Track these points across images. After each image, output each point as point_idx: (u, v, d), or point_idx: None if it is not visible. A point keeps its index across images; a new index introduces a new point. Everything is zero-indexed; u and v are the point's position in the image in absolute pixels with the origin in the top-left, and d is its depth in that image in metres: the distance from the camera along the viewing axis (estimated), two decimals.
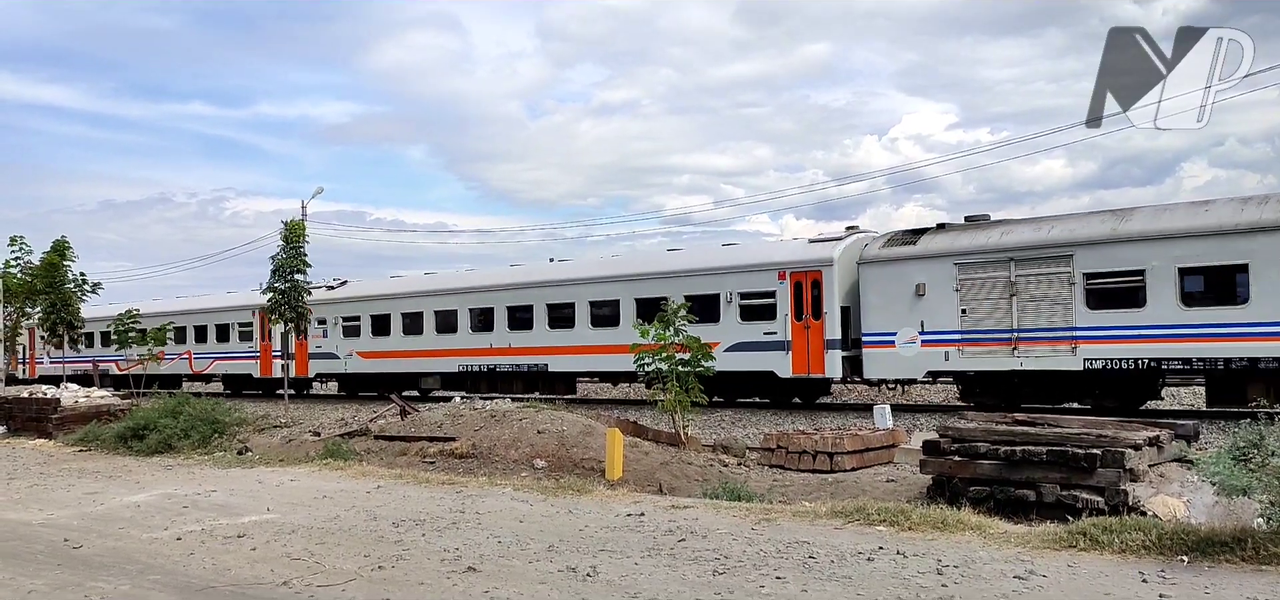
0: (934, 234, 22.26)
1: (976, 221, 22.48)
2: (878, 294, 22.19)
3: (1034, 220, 21.49)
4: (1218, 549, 7.12)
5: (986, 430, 10.76)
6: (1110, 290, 19.23)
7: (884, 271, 22.14)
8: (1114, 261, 19.16)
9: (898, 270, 21.91)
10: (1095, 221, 20.06)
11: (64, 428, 21.72)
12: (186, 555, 8.84)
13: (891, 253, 22.31)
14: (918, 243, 22.09)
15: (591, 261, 30.05)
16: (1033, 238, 20.33)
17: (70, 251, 32.80)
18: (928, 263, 21.52)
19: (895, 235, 23.01)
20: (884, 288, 22.08)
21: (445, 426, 16.38)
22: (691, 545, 8.42)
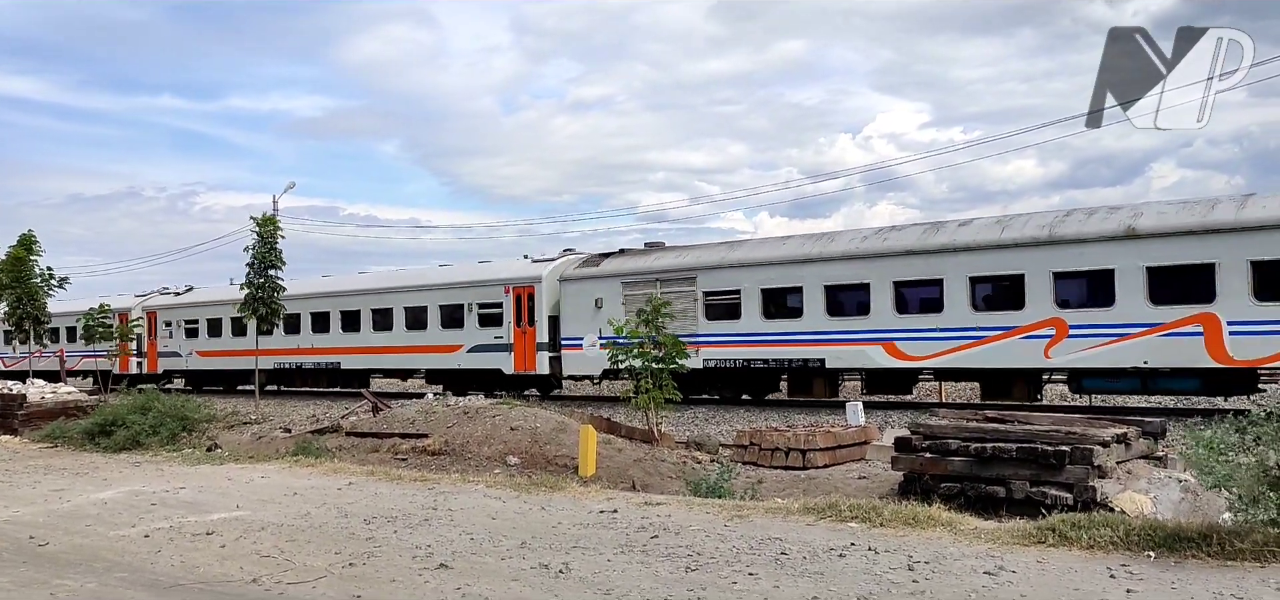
0: (612, 258, 27.72)
1: (654, 247, 27.71)
2: (572, 306, 27.16)
3: (675, 249, 27.16)
4: (1184, 545, 7.19)
5: (957, 427, 10.85)
6: (720, 305, 24.33)
7: (576, 288, 27.19)
8: (723, 283, 24.38)
9: (585, 287, 26.95)
10: (712, 252, 25.46)
11: (30, 424, 21.45)
12: (154, 553, 8.75)
13: (581, 272, 27.44)
14: (599, 265, 27.40)
15: (373, 276, 35.15)
16: (671, 263, 25.75)
17: (37, 245, 32.42)
18: (604, 281, 26.62)
19: (587, 258, 28.19)
20: (576, 301, 27.05)
21: (418, 423, 16.31)
22: (664, 542, 8.43)
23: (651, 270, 25.73)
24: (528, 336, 27.84)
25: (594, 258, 28.14)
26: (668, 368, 16.17)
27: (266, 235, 25.09)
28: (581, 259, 28.29)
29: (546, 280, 27.72)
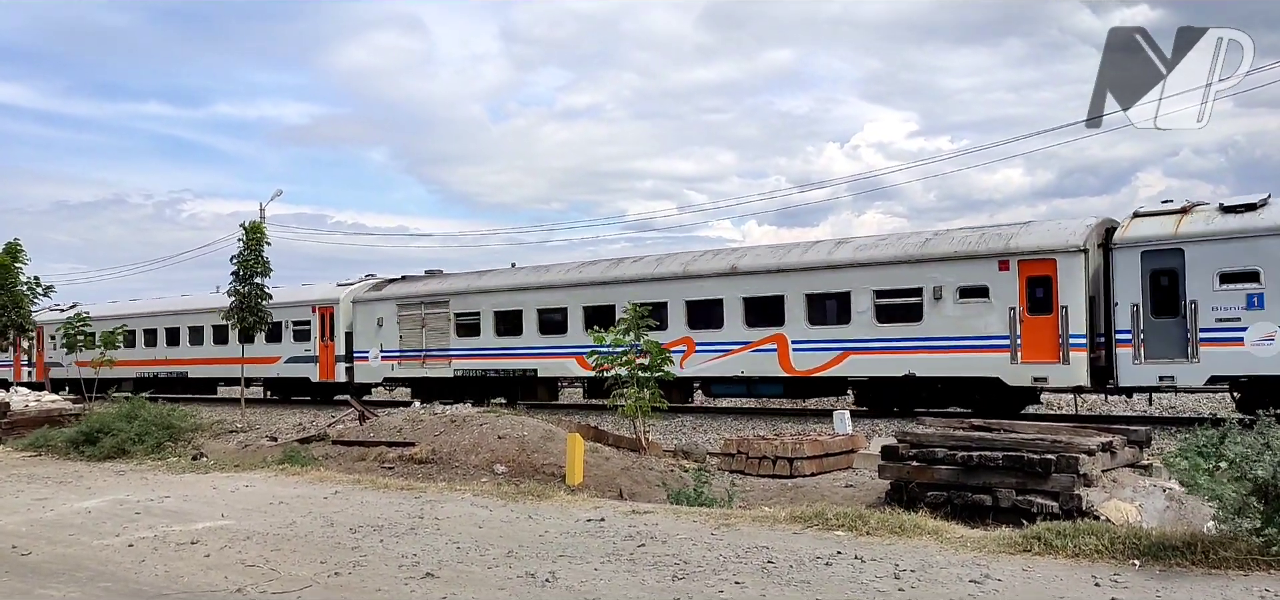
0: (393, 284, 32.65)
1: (433, 275, 32.94)
2: (361, 324, 32.21)
3: (437, 277, 32.49)
4: (1169, 553, 7.23)
5: (944, 436, 10.88)
6: (467, 325, 29.32)
7: (364, 309, 32.18)
8: (468, 306, 29.42)
9: (370, 308, 31.91)
10: (460, 281, 30.93)
11: (14, 432, 21.29)
12: (138, 562, 8.70)
13: (367, 296, 32.40)
14: (382, 290, 32.29)
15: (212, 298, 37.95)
16: (432, 289, 30.85)
17: (23, 253, 32.25)
18: (384, 304, 31.56)
19: (375, 283, 33.02)
20: (364, 320, 32.08)
21: (405, 431, 16.26)
22: (651, 550, 8.42)
23: (418, 295, 31.06)
24: (329, 350, 33.12)
25: (380, 283, 33.06)
26: (653, 375, 16.16)
27: (253, 243, 25.06)
28: (371, 284, 33.25)
29: (343, 302, 33.03)
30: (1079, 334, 19.32)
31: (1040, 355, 19.76)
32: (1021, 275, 20.09)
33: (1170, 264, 18.54)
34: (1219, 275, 18.02)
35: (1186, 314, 18.30)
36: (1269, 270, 17.54)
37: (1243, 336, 17.70)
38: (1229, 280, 17.95)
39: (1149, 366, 18.67)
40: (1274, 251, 17.54)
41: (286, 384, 35.01)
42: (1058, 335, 19.56)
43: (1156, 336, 18.58)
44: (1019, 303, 20.09)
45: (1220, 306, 17.95)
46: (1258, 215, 18.03)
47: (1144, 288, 18.76)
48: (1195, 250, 18.27)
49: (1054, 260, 19.75)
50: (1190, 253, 18.30)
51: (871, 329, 21.85)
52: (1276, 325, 17.42)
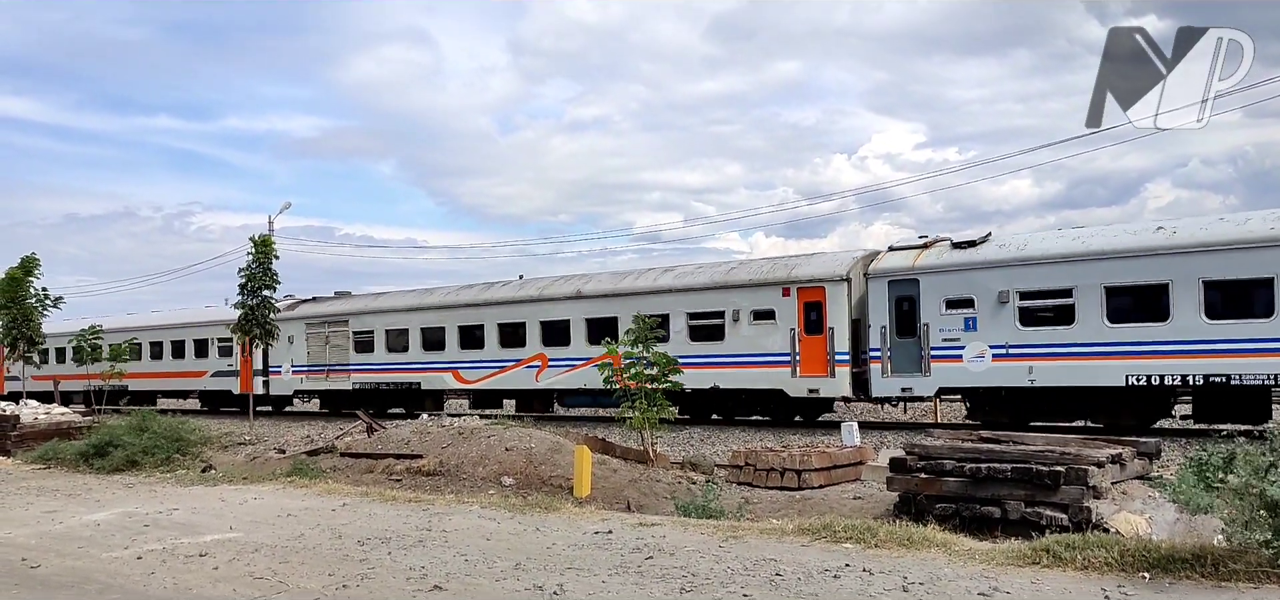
0: (305, 304, 35.37)
1: (341, 296, 35.66)
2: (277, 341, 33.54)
3: (341, 298, 35.25)
4: (1179, 566, 7.20)
5: (952, 448, 10.85)
6: (364, 342, 32.15)
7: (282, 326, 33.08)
8: (365, 325, 32.32)
9: (284, 327, 32.73)
10: (359, 302, 34.06)
11: (23, 445, 21.37)
12: (147, 575, 8.71)
13: (284, 314, 33.51)
14: (294, 310, 34.71)
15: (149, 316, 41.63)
16: (334, 310, 33.85)
17: (38, 268, 32.61)
18: (295, 323, 34.12)
19: (290, 304, 35.11)
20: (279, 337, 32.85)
21: (412, 443, 16.28)
22: (659, 563, 8.41)
23: (323, 315, 34.06)
24: (247, 365, 35.46)
25: (294, 303, 35.55)
26: (661, 387, 16.16)
27: (261, 256, 25.16)
28: (287, 303, 35.00)
29: None
30: (844, 351, 22.42)
31: (814, 370, 22.87)
32: (800, 301, 23.22)
33: (909, 292, 21.52)
34: (945, 302, 20.95)
35: (921, 335, 21.30)
36: (981, 298, 20.52)
37: (962, 354, 20.61)
38: (952, 306, 20.88)
39: (894, 380, 21.72)
40: (985, 282, 20.54)
41: (213, 396, 37.56)
42: (827, 352, 22.70)
43: (899, 354, 21.64)
44: (798, 324, 23.17)
45: (946, 329, 20.90)
46: (976, 251, 21.08)
47: (891, 312, 21.77)
48: (928, 280, 21.30)
49: (824, 288, 22.89)
50: (924, 282, 21.34)
51: (686, 346, 24.35)
52: (987, 345, 20.36)
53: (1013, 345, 20.13)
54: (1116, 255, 19.27)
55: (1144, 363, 18.70)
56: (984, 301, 20.47)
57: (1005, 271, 20.44)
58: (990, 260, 20.70)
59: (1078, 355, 19.37)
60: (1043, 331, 19.86)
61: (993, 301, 20.36)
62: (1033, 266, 20.18)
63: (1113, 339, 19.15)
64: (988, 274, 20.60)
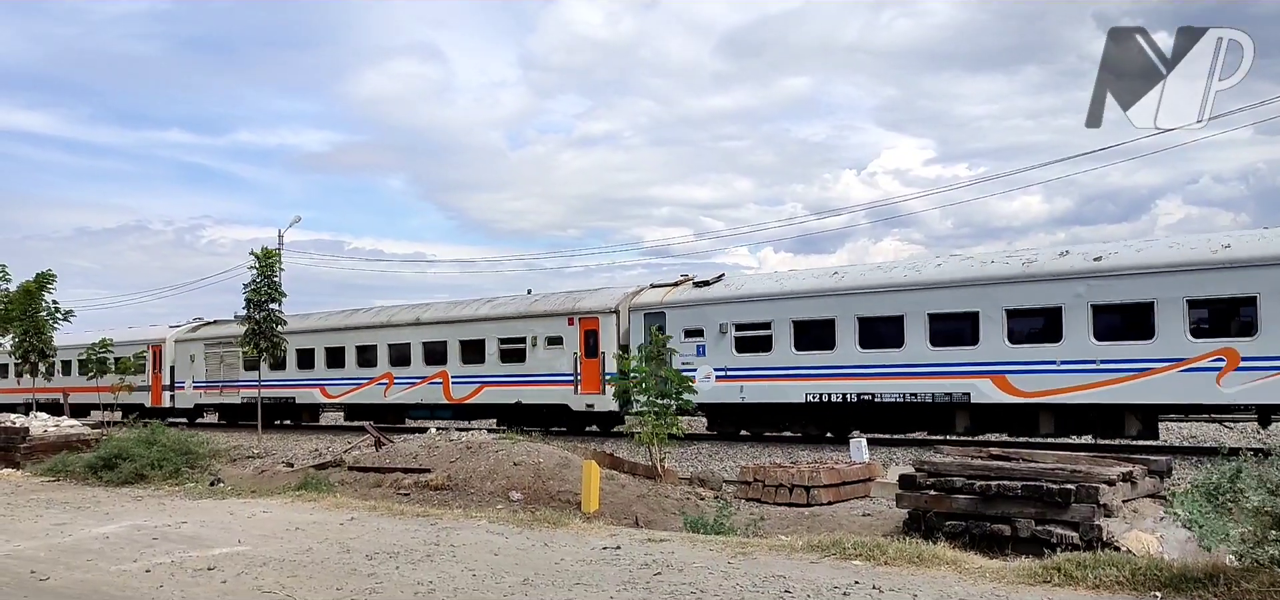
0: (206, 326, 39.31)
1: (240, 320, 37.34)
2: (180, 359, 39.09)
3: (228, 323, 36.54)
4: (1191, 585, 7.14)
5: (962, 465, 10.80)
6: (251, 360, 32.48)
7: (182, 347, 39.11)
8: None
9: (186, 347, 38.66)
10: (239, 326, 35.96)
11: (32, 457, 21.41)
12: (156, 588, 8.72)
13: (185, 336, 39.23)
14: (196, 331, 39.11)
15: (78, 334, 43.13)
16: (228, 332, 35.83)
17: (52, 284, 32.87)
18: (196, 343, 38.41)
19: (194, 325, 39.83)
20: (182, 356, 38.98)
21: (421, 458, 16.29)
22: (667, 579, 8.38)
23: (219, 336, 37.37)
24: (157, 380, 39.57)
25: (197, 325, 39.78)
26: (674, 405, 16.14)
27: (266, 270, 25.18)
28: (191, 326, 39.96)
29: (168, 341, 39.79)
30: (612, 372, 25.59)
31: (591, 388, 26.83)
32: (581, 329, 27.18)
33: (660, 323, 25.22)
34: (684, 331, 24.92)
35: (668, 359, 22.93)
36: (709, 329, 24.66)
37: (695, 375, 23.02)
38: (689, 335, 24.91)
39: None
40: (712, 316, 24.68)
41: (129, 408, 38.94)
42: (601, 373, 26.52)
43: None
44: (579, 349, 27.10)
45: (685, 354, 24.27)
46: (708, 289, 25.46)
47: (646, 339, 24.37)
48: (672, 313, 25.48)
49: (598, 318, 26.85)
50: (669, 315, 25.49)
51: (498, 367, 28.90)
52: (712, 368, 24.44)
53: (730, 368, 24.28)
54: (800, 295, 23.46)
55: (818, 383, 22.94)
56: (711, 332, 24.69)
57: (726, 307, 24.73)
58: (715, 298, 25.08)
59: (774, 377, 23.33)
60: (750, 357, 23.97)
61: (716, 332, 24.54)
62: (745, 304, 24.51)
63: (798, 364, 23.27)
64: (714, 309, 24.87)
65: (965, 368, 21.13)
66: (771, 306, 23.88)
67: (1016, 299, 20.56)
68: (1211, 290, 18.49)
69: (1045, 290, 20.17)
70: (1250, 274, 18.05)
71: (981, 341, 20.92)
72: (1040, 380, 20.11)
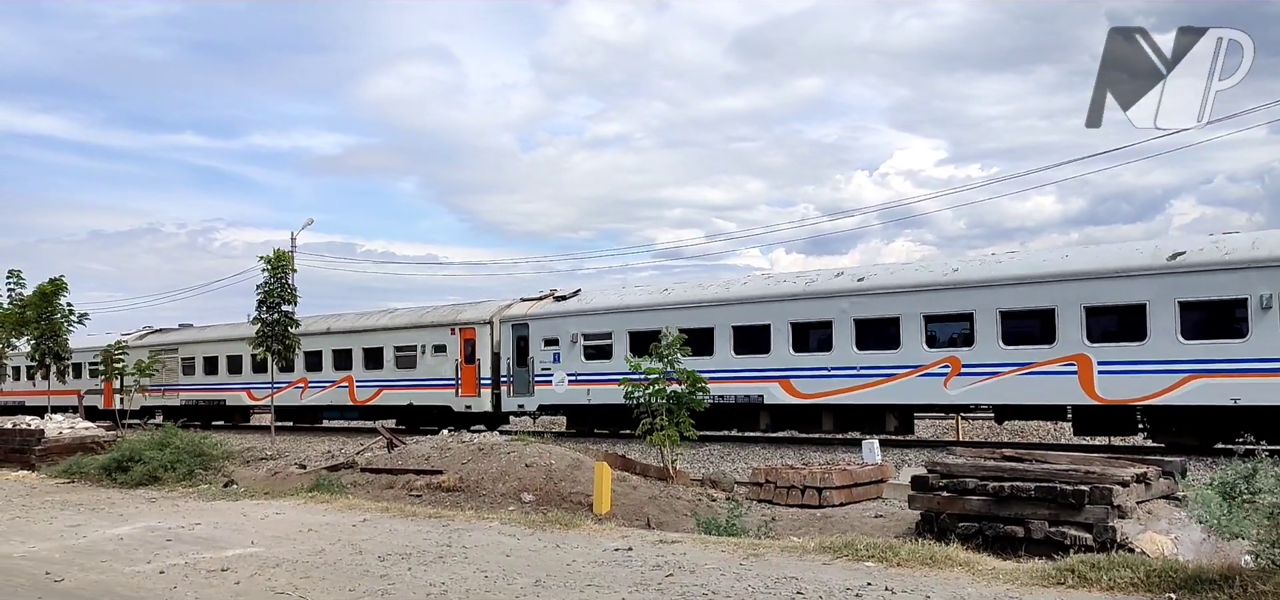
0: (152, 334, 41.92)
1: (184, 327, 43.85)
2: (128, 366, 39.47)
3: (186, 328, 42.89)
4: (1206, 586, 7.10)
5: (975, 466, 10.76)
6: (188, 365, 39.51)
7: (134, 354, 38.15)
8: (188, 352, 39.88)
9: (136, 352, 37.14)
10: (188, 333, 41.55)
11: (47, 459, 21.53)
12: (169, 589, 8.75)
13: (135, 343, 39.14)
14: (143, 339, 40.72)
15: None
16: (170, 340, 40.41)
17: (66, 289, 33.04)
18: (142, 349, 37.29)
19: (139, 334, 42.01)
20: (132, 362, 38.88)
21: (433, 459, 16.31)
22: (679, 580, 8.38)
23: (159, 344, 39.59)
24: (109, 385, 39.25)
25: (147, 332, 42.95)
26: (683, 404, 16.11)
27: (278, 272, 25.22)
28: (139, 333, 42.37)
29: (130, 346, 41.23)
30: (487, 377, 30.04)
31: (469, 392, 30.32)
32: (462, 338, 30.73)
33: (524, 333, 29.11)
34: (543, 341, 28.46)
35: (530, 365, 28.74)
36: (563, 339, 27.99)
37: (552, 380, 27.99)
38: (547, 345, 28.40)
39: (515, 399, 29.36)
40: (566, 328, 27.98)
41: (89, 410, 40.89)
42: (477, 378, 30.18)
43: (519, 379, 29.27)
44: (460, 357, 30.64)
45: (543, 361, 28.38)
46: (564, 304, 28.78)
47: (513, 348, 29.32)
48: (534, 325, 28.95)
49: (475, 329, 30.51)
50: (532, 327, 28.96)
51: (394, 373, 32.47)
52: (566, 373, 27.83)
53: (580, 373, 27.55)
54: (635, 310, 26.85)
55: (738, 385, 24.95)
56: (565, 341, 27.99)
57: (577, 319, 27.96)
58: (569, 311, 28.39)
59: (614, 381, 24.22)
60: (596, 363, 27.12)
61: (569, 342, 27.83)
62: (591, 317, 27.78)
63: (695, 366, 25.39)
64: (567, 321, 28.14)
65: (760, 373, 24.27)
66: (612, 319, 27.18)
67: (798, 314, 23.76)
68: (941, 308, 21.80)
69: (820, 306, 23.43)
70: (969, 294, 21.34)
71: (773, 350, 24.06)
72: (818, 384, 23.29)
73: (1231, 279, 18.45)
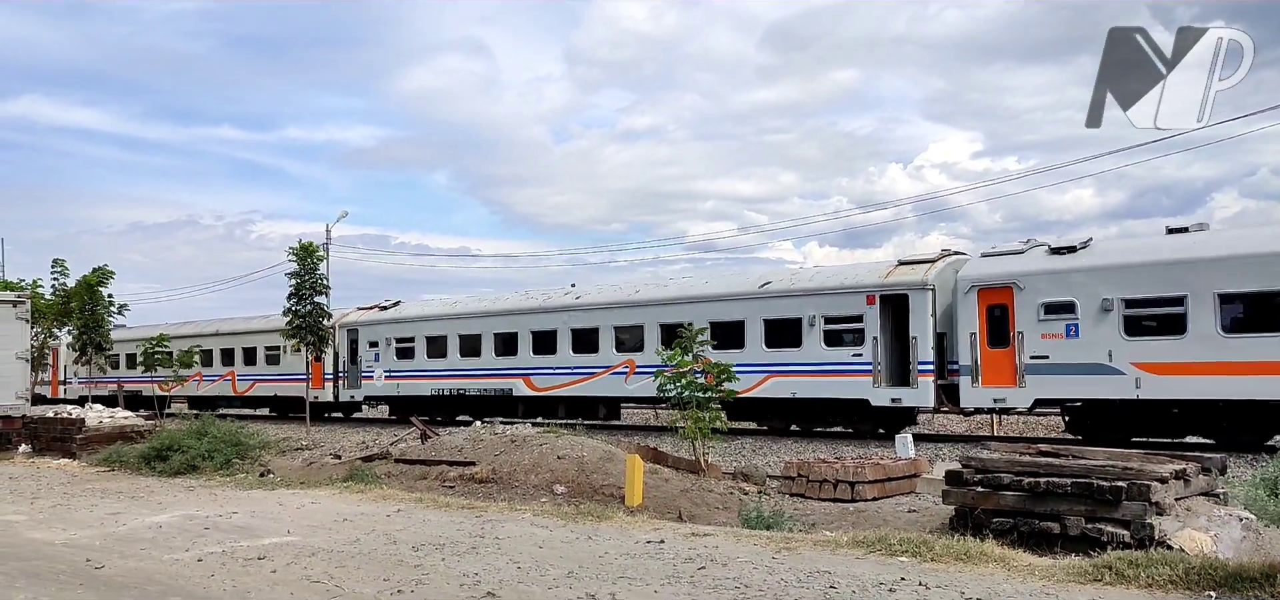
0: None
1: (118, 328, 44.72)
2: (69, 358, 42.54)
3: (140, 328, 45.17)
4: (1246, 584, 7.01)
5: (1010, 461, 10.66)
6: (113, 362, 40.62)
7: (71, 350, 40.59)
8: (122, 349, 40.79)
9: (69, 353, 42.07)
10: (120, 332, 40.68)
11: (88, 448, 21.85)
12: (207, 577, 8.87)
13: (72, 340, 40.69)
14: None
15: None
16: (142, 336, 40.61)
17: (110, 278, 33.64)
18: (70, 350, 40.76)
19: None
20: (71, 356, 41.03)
21: (465, 451, 16.39)
22: (711, 573, 8.37)
23: None
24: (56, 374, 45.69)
25: None
26: (710, 396, 16.09)
27: (309, 265, 25.36)
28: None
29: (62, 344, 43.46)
30: (330, 373, 36.14)
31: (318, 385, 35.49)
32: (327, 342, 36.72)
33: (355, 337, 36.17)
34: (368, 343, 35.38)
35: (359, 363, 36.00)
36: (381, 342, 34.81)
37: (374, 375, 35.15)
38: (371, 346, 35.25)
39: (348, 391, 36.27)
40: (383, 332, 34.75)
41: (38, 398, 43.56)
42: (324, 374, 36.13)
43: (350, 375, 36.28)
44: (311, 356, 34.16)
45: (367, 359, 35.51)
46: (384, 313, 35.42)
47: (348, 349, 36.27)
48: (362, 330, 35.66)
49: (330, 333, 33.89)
50: (361, 331, 35.62)
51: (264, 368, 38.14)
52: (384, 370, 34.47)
53: (394, 370, 34.05)
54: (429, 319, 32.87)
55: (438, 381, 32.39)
56: (383, 344, 34.46)
57: (393, 326, 34.11)
58: (388, 319, 34.49)
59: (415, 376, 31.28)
60: (404, 362, 33.50)
61: (386, 344, 34.16)
62: (402, 324, 34.12)
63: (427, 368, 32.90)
64: (386, 327, 34.26)
65: (512, 372, 30.46)
66: (415, 327, 33.51)
67: (536, 324, 30.05)
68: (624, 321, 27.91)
69: (550, 318, 29.84)
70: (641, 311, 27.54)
71: (519, 353, 30.33)
72: (550, 379, 29.48)
73: (793, 304, 24.62)
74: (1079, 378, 19.96)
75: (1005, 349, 20.91)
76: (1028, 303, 20.54)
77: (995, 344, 21.09)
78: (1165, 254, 19.46)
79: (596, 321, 28.48)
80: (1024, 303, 20.60)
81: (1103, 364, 19.58)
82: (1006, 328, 20.85)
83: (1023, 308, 20.62)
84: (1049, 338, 20.19)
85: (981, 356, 21.02)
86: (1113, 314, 19.45)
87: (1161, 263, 19.28)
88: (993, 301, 21.13)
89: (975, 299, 21.39)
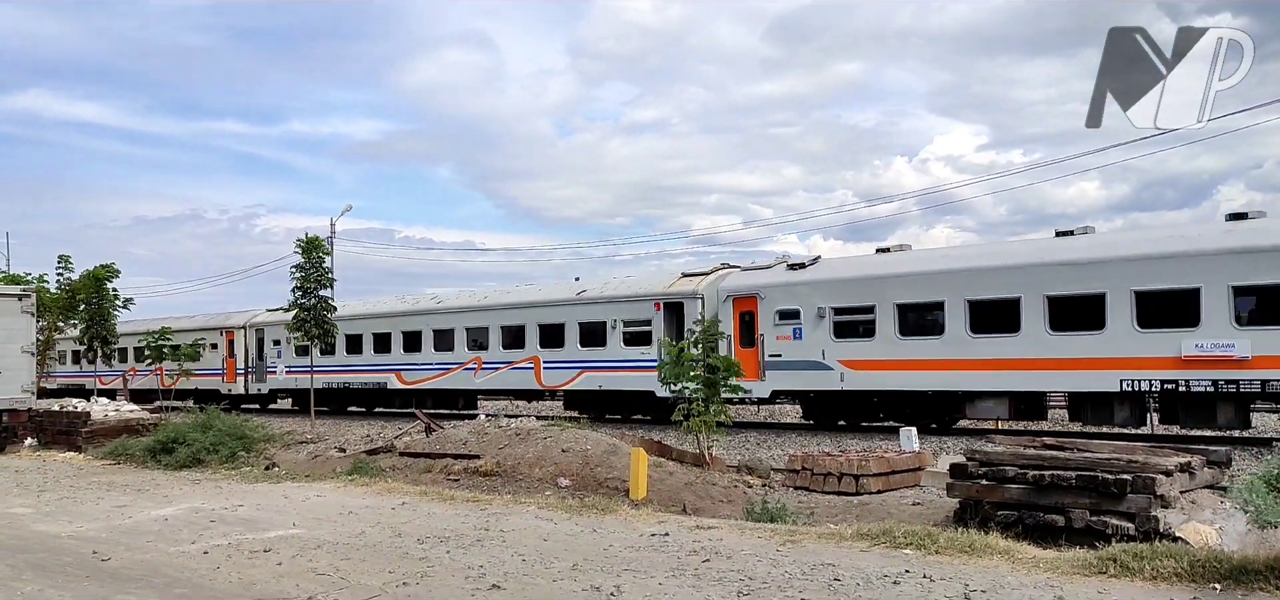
0: None
1: None
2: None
3: None
4: (1251, 577, 7.00)
5: (1015, 454, 10.66)
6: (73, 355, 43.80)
7: None
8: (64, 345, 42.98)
9: None
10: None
11: (93, 441, 21.92)
12: (213, 569, 8.89)
13: None
14: None
15: None
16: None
17: (118, 274, 33.98)
18: None
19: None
20: None
21: (470, 444, 16.42)
22: (716, 566, 8.39)
23: None
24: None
25: None
26: (717, 390, 16.09)
27: (314, 257, 25.35)
28: None
29: None
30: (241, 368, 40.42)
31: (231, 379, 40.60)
32: (227, 338, 40.94)
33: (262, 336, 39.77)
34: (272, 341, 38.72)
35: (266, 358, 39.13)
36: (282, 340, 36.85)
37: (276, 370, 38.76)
38: (274, 344, 38.62)
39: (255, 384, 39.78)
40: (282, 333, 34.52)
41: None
42: (235, 368, 40.42)
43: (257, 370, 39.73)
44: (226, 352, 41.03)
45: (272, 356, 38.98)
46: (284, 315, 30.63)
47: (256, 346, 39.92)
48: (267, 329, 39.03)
49: (235, 331, 40.54)
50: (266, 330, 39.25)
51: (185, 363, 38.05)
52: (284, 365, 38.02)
53: (293, 366, 36.31)
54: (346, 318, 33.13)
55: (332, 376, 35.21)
56: (282, 342, 36.83)
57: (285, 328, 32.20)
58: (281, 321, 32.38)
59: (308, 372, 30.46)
60: (302, 358, 32.13)
61: (286, 342, 35.85)
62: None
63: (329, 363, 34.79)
64: (281, 328, 33.95)
65: (386, 367, 34.14)
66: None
67: (406, 326, 33.71)
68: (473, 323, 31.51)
69: (416, 321, 33.47)
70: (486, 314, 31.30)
71: (392, 351, 33.96)
72: (417, 374, 33.01)
73: (600, 309, 28.08)
74: (804, 372, 23.75)
75: (752, 348, 24.50)
76: (768, 310, 24.37)
77: (746, 344, 24.68)
78: (864, 271, 23.55)
79: (453, 323, 32.23)
80: (765, 310, 24.46)
81: (819, 361, 23.43)
82: (753, 330, 24.65)
83: (764, 314, 24.47)
84: (783, 339, 24.04)
85: (735, 354, 23.63)
86: (825, 320, 23.32)
87: (860, 278, 23.29)
88: (744, 309, 24.94)
89: (731, 306, 25.15)
